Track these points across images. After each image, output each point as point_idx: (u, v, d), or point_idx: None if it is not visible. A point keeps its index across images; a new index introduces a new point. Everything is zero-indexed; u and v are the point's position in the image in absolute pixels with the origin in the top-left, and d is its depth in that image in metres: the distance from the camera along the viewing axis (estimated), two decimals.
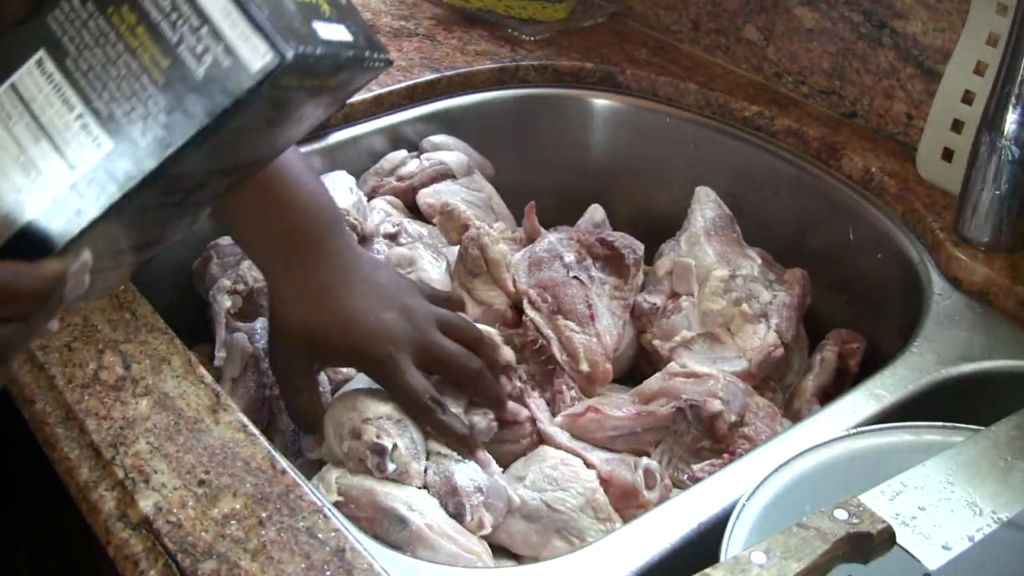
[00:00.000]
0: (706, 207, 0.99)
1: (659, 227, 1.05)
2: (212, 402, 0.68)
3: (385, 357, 0.75)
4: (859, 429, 0.67)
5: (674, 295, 0.95)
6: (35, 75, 0.40)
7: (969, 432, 0.65)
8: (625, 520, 0.75)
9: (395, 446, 0.73)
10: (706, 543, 0.61)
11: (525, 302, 0.89)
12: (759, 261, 0.95)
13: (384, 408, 0.76)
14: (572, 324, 0.87)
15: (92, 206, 0.42)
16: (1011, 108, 0.83)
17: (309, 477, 0.77)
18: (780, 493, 0.61)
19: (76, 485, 0.64)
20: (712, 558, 0.54)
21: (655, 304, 0.93)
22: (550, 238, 0.94)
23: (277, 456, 0.65)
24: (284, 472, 0.63)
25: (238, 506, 0.61)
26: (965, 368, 0.79)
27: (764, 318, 0.91)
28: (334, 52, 0.42)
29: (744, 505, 0.60)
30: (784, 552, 0.52)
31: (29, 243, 0.42)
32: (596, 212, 1.06)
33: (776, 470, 0.62)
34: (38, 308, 0.45)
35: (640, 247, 0.95)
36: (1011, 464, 0.61)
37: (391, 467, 0.73)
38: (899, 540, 0.55)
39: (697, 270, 0.94)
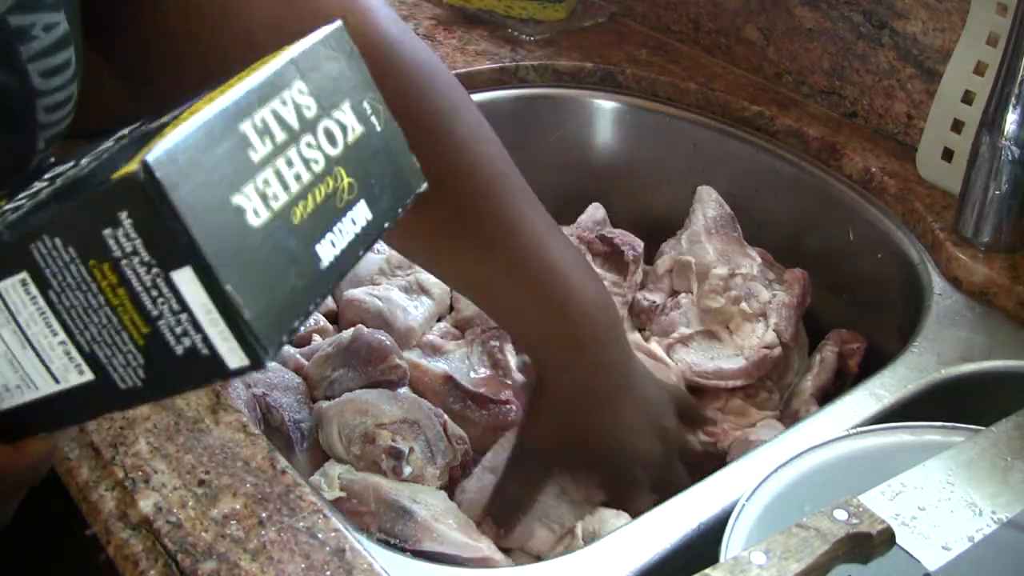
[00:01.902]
0: (708, 206, 0.99)
1: (659, 227, 1.05)
2: (212, 402, 0.68)
3: (632, 482, 0.76)
4: (859, 429, 0.67)
5: (674, 293, 0.95)
6: (20, 292, 0.39)
7: (969, 432, 0.64)
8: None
9: (411, 449, 0.74)
10: (706, 543, 0.61)
11: None
12: (759, 260, 0.95)
13: (397, 412, 0.76)
14: None
15: (73, 415, 0.43)
16: (1011, 108, 0.83)
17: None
18: (780, 493, 0.61)
19: (76, 485, 0.64)
20: (712, 558, 0.54)
21: (654, 302, 0.94)
22: None
23: (277, 456, 0.65)
24: (284, 472, 0.63)
25: (238, 506, 0.61)
26: (965, 368, 0.79)
27: (763, 317, 0.91)
28: (340, 268, 0.40)
29: (744, 505, 0.60)
30: (784, 552, 0.52)
31: (16, 426, 0.43)
32: (597, 211, 1.06)
33: (776, 470, 0.62)
34: (19, 490, 0.47)
35: (640, 244, 0.96)
36: (1011, 464, 0.61)
37: (407, 470, 0.73)
38: (899, 540, 0.55)
39: (697, 268, 0.94)
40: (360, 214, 0.41)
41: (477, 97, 1.14)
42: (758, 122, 1.10)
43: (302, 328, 0.39)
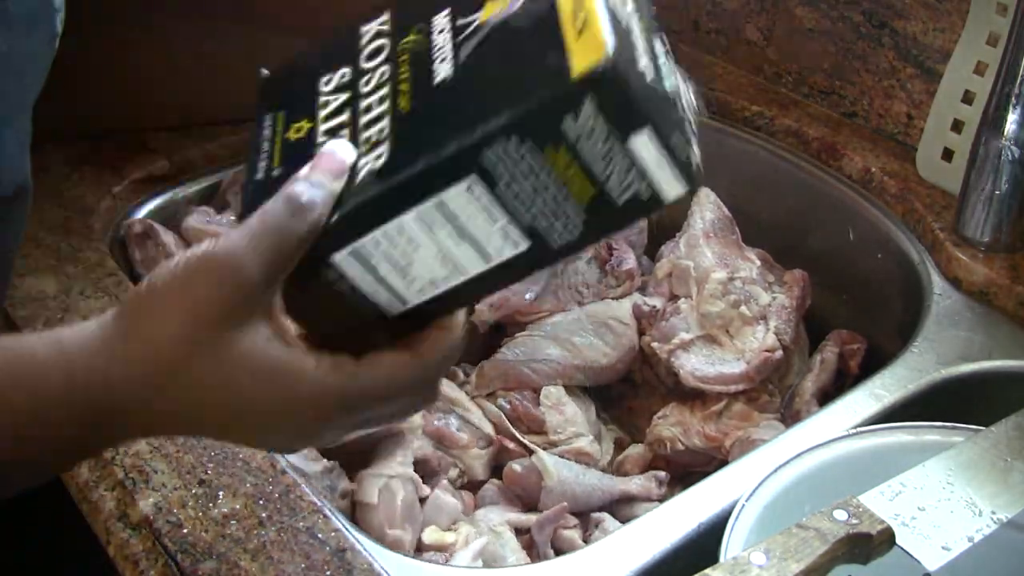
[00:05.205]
0: (706, 209, 0.99)
1: (660, 226, 1.05)
2: None
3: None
4: (859, 429, 0.67)
5: (673, 297, 0.95)
6: (463, 196, 0.42)
7: (969, 432, 0.65)
8: None
9: None
10: (706, 543, 0.61)
11: None
12: (758, 263, 0.95)
13: None
14: None
15: (494, 285, 0.46)
16: (1011, 108, 0.83)
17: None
18: (780, 493, 0.61)
19: (76, 485, 0.64)
20: (712, 558, 0.54)
21: (654, 307, 0.93)
22: None
23: (277, 456, 0.65)
24: (284, 472, 0.63)
25: (238, 506, 0.61)
26: (965, 368, 0.79)
27: (763, 320, 0.91)
28: (685, 98, 0.46)
29: (744, 505, 0.60)
30: (784, 552, 0.52)
31: (430, 311, 0.47)
32: None
33: (776, 470, 0.62)
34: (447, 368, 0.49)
35: (631, 263, 0.95)
36: (1011, 464, 0.61)
37: None
38: (899, 540, 0.55)
39: (696, 272, 0.94)
40: (660, 45, 0.46)
41: None
42: (758, 122, 1.10)
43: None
